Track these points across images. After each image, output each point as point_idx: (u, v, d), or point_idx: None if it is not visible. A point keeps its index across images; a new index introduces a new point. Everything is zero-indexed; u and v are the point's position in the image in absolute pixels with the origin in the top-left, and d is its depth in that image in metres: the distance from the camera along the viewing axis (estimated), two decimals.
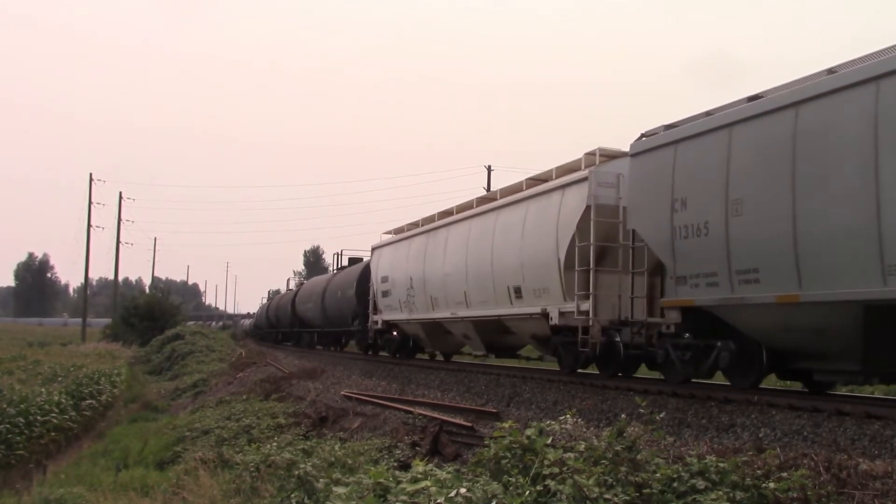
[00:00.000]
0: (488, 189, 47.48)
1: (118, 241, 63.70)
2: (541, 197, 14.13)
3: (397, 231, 22.27)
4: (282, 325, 41.46)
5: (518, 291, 14.34)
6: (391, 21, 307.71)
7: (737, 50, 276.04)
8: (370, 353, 25.06)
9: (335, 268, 32.86)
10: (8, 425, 15.16)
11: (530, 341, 15.64)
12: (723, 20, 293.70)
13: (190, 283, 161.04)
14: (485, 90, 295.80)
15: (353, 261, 30.28)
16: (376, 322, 22.27)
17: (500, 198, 16.13)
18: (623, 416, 8.97)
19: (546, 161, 40.30)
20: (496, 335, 16.54)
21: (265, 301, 55.05)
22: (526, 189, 14.94)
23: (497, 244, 15.15)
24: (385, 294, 21.51)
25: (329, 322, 30.14)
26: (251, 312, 71.44)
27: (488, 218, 16.05)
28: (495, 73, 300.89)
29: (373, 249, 23.66)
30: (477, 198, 17.66)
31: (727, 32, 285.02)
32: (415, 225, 20.73)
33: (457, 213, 18.01)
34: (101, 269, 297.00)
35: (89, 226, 59.00)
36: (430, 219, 19.70)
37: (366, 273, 24.34)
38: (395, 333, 21.82)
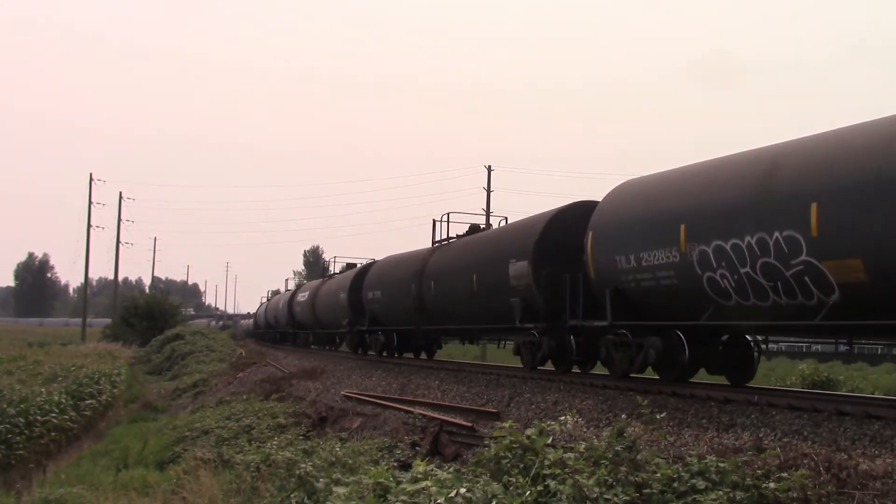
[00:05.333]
0: (488, 188, 47.53)
1: (118, 241, 63.76)
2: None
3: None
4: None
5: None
6: (391, 21, 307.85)
7: (737, 50, 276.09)
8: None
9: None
10: (8, 425, 15.15)
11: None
12: (722, 20, 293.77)
13: (190, 283, 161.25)
14: (485, 90, 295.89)
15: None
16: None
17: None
18: (623, 416, 8.99)
19: (546, 161, 40.24)
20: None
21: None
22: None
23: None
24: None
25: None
26: (250, 312, 71.27)
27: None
28: (495, 73, 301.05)
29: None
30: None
31: (727, 32, 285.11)
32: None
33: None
34: (101, 269, 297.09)
35: (89, 226, 59.05)
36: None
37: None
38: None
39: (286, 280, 58.07)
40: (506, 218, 19.18)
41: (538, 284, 13.79)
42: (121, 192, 66.58)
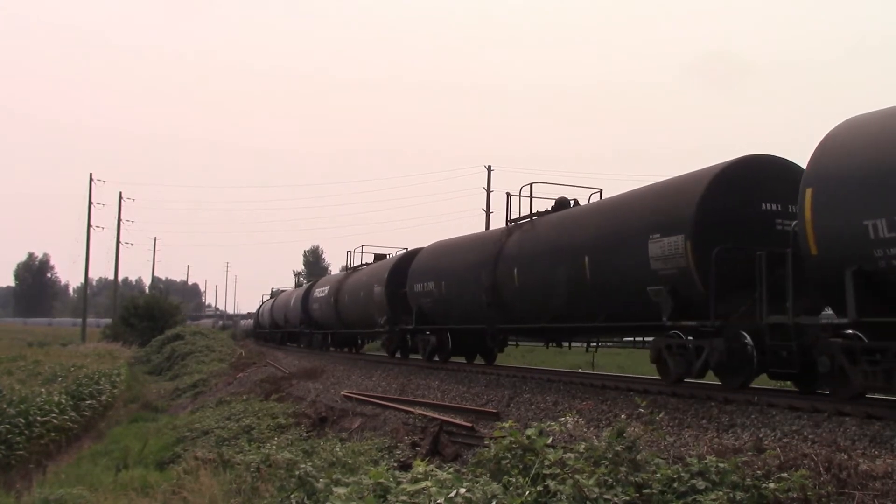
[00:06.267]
0: (488, 188, 47.50)
1: (118, 241, 63.73)
2: None
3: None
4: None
5: None
6: (391, 21, 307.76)
7: (738, 50, 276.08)
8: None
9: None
10: (8, 425, 15.14)
11: None
12: (723, 20, 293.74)
13: (190, 283, 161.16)
14: (485, 90, 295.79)
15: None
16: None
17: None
18: (623, 416, 8.99)
19: (545, 162, 40.24)
20: None
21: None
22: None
23: None
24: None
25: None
26: (251, 312, 71.06)
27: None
28: (495, 74, 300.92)
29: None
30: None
31: (727, 32, 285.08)
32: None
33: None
34: (101, 269, 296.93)
35: (89, 226, 59.01)
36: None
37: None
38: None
39: (297, 274, 56.64)
40: (600, 190, 15.36)
41: (700, 267, 10.15)
42: (121, 192, 66.64)
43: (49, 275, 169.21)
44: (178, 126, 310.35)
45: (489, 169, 47.90)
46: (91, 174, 60.27)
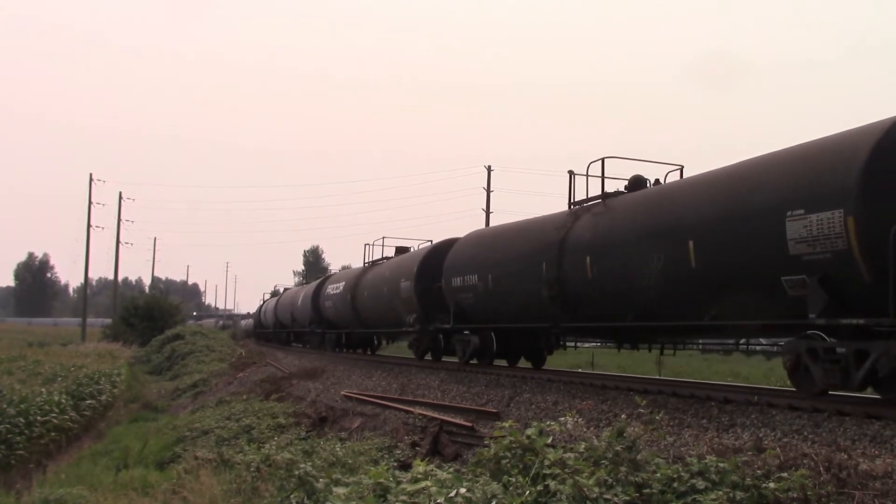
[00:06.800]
0: (488, 188, 47.47)
1: (118, 241, 63.84)
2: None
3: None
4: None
5: None
6: (390, 21, 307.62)
7: (738, 50, 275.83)
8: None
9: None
10: (8, 425, 15.15)
11: None
12: (723, 20, 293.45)
13: (190, 283, 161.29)
14: (485, 90, 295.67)
15: (400, 251, 24.21)
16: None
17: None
18: (623, 416, 8.99)
19: (545, 162, 40.21)
20: None
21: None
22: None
23: None
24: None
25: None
26: (251, 312, 70.88)
27: None
28: (495, 73, 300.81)
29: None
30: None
31: (728, 32, 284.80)
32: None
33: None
34: (101, 269, 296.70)
35: (89, 226, 59.10)
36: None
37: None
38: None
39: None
40: (681, 167, 13.06)
41: (867, 251, 7.88)
42: (121, 192, 66.85)
43: (49, 275, 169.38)
44: (178, 126, 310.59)
45: (489, 169, 47.94)
46: (91, 174, 60.48)
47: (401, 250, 24.15)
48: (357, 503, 6.19)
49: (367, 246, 25.95)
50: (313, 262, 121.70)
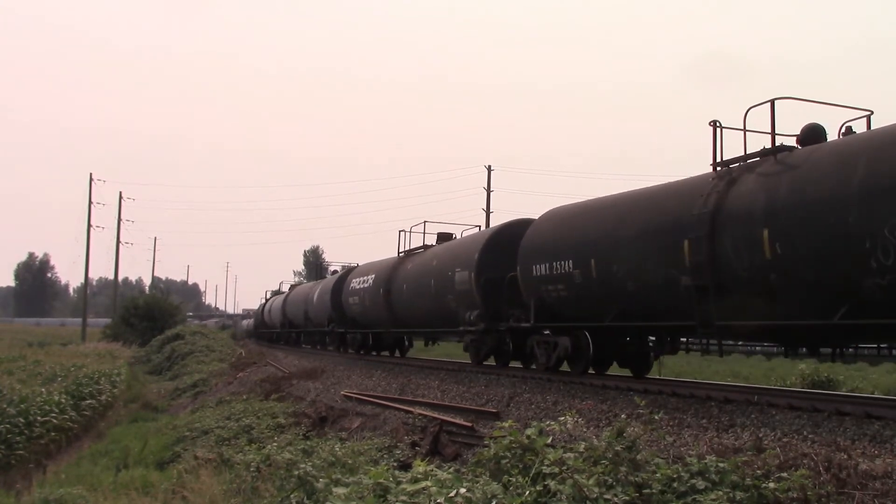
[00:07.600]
0: (488, 188, 47.46)
1: (118, 241, 63.82)
2: None
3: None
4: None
5: None
6: (391, 21, 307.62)
7: (737, 49, 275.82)
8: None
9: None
10: (8, 425, 15.17)
11: None
12: (723, 20, 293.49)
13: (190, 283, 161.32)
14: (485, 90, 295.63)
15: (443, 237, 21.28)
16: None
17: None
18: (623, 416, 8.99)
19: (545, 162, 40.19)
20: None
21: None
22: None
23: None
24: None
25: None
26: (250, 311, 70.60)
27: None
28: (496, 73, 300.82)
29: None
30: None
31: (728, 32, 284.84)
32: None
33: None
34: (101, 269, 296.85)
35: (89, 226, 59.06)
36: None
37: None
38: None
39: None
40: (869, 113, 10.13)
41: None
42: (121, 192, 66.76)
43: (49, 275, 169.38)
44: (178, 126, 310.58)
45: (489, 169, 47.93)
46: (91, 174, 60.45)
47: (443, 237, 21.22)
48: (357, 503, 6.19)
49: (401, 233, 22.38)
50: (313, 262, 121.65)
